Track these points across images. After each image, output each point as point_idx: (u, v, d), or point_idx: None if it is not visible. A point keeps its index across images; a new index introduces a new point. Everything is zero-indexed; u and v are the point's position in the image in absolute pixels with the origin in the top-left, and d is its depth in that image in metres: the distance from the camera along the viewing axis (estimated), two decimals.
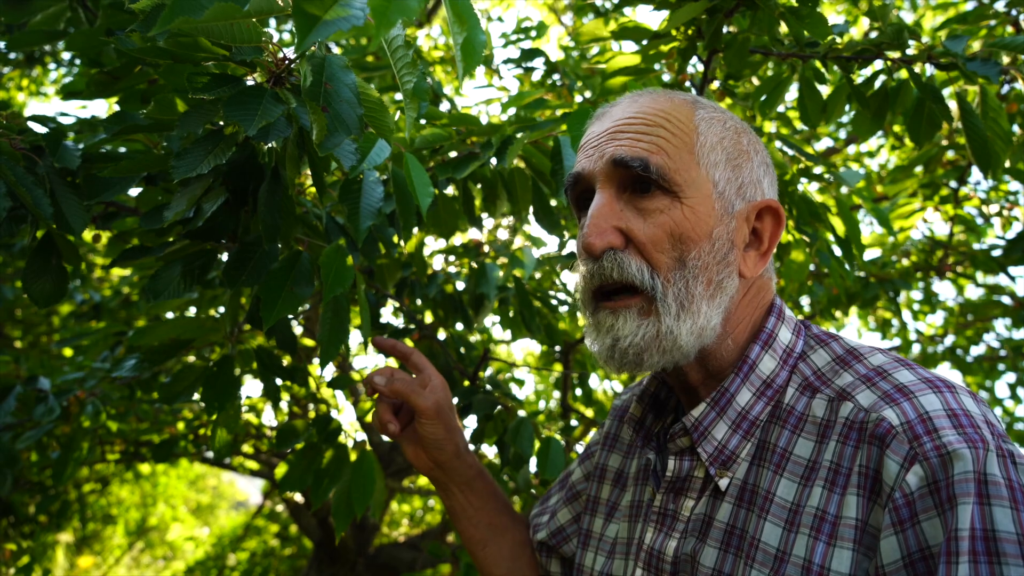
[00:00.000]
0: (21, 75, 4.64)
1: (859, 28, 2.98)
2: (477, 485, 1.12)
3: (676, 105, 0.85)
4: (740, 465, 0.81)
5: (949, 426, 0.68)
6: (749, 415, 0.82)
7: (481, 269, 2.01)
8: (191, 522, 9.34)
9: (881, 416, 0.71)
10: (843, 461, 0.73)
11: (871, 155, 3.91)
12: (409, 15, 0.62)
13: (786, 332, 0.86)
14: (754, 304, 0.87)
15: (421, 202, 1.03)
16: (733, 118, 0.88)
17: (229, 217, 1.12)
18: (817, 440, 0.77)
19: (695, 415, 0.84)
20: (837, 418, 0.76)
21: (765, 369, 0.83)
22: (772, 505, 0.76)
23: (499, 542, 1.13)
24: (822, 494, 0.73)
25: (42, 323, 3.68)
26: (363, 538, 4.06)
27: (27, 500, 4.22)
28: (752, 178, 0.85)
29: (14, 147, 1.02)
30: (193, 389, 1.43)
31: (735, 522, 0.79)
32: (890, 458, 0.68)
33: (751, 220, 0.84)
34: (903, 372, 0.76)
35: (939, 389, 0.72)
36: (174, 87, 0.97)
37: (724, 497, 0.81)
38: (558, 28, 4.31)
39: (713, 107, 0.87)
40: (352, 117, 0.80)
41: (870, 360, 0.79)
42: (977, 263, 3.00)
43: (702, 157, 0.82)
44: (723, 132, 0.84)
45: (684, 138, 0.82)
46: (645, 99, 0.87)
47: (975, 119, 1.44)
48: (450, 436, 1.06)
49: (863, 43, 1.50)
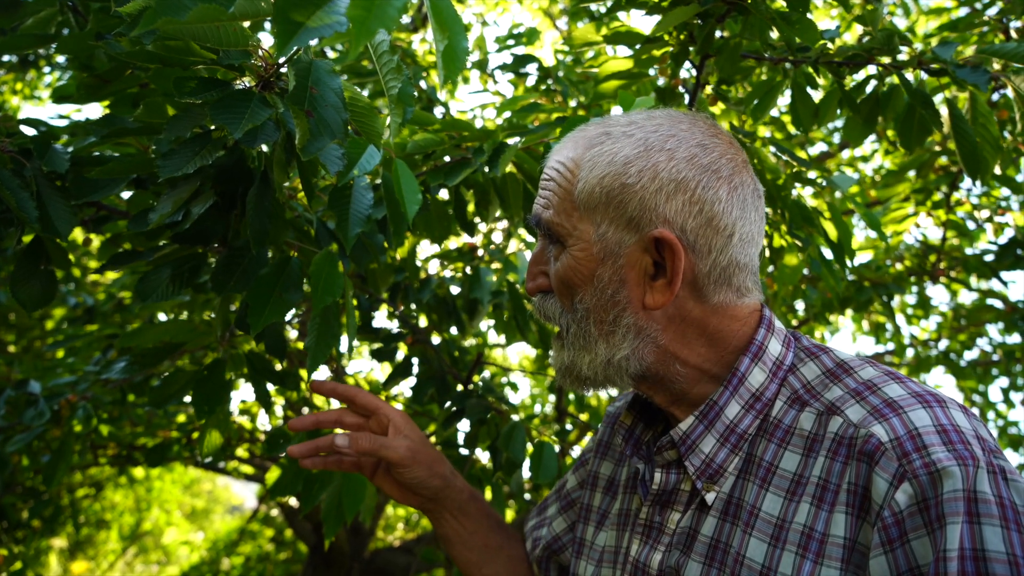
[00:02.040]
0: (15, 79, 4.64)
1: (852, 33, 2.99)
2: (470, 508, 1.09)
3: (577, 147, 0.85)
4: (727, 479, 0.81)
5: (939, 442, 0.67)
6: (737, 428, 0.81)
7: (475, 274, 2.01)
8: (186, 527, 9.30)
9: (870, 432, 0.70)
10: (831, 477, 0.72)
11: (865, 159, 3.92)
12: (388, 25, 0.62)
13: (776, 344, 0.85)
14: (705, 327, 0.83)
15: (408, 210, 1.03)
16: (636, 143, 0.82)
17: (218, 221, 1.12)
18: (804, 454, 0.76)
19: (683, 428, 0.83)
20: (826, 433, 0.75)
21: (754, 382, 0.82)
22: (757, 520, 0.76)
23: (495, 562, 1.12)
24: (809, 510, 0.72)
25: (35, 327, 3.67)
26: (358, 543, 4.05)
27: (20, 505, 4.20)
28: (645, 208, 0.79)
29: (1, 149, 1.01)
30: (184, 393, 1.42)
31: (719, 536, 0.79)
32: (879, 476, 0.68)
33: (651, 251, 0.81)
34: (893, 386, 0.75)
35: (929, 404, 0.71)
36: (163, 91, 0.97)
37: (709, 511, 0.81)
38: (553, 32, 4.32)
39: (616, 136, 0.83)
40: (337, 121, 0.80)
41: (860, 374, 0.78)
42: (970, 268, 3.01)
43: (581, 204, 0.82)
44: (607, 169, 0.81)
45: (567, 187, 0.84)
46: (566, 144, 0.88)
47: (964, 125, 1.45)
48: (433, 471, 1.03)
49: (854, 48, 1.50)
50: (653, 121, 0.84)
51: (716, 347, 0.84)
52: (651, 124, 0.83)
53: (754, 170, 0.88)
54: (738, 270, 0.82)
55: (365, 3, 0.64)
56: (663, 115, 0.85)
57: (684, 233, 0.79)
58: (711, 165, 0.80)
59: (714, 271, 0.81)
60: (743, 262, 0.83)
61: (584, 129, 0.88)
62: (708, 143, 0.82)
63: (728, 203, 0.80)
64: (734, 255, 0.81)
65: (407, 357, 2.01)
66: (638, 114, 0.86)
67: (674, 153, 0.80)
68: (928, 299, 3.62)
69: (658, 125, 0.83)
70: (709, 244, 0.80)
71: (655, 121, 0.84)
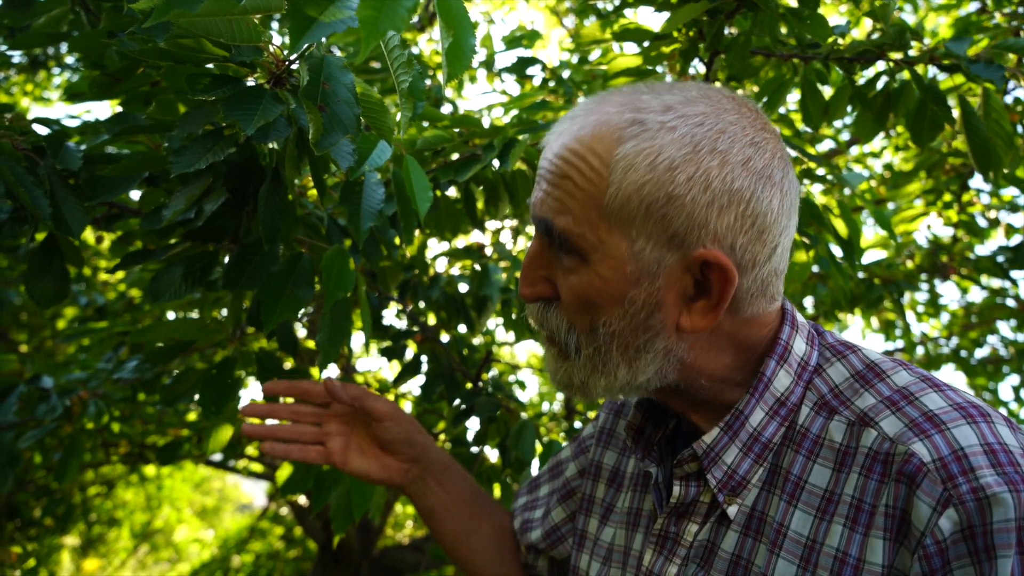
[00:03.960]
0: (25, 80, 4.67)
1: (861, 29, 2.98)
2: (452, 472, 1.08)
3: (601, 137, 0.70)
4: (750, 491, 0.75)
5: (986, 464, 0.61)
6: (761, 437, 0.75)
7: (484, 271, 2.01)
8: (196, 524, 9.35)
9: (910, 451, 0.64)
10: (866, 497, 0.67)
11: (875, 155, 3.90)
12: (398, 26, 0.62)
13: (800, 342, 0.77)
14: (734, 337, 0.76)
15: (420, 207, 1.03)
16: (682, 141, 0.68)
17: (230, 218, 1.12)
18: (835, 469, 0.70)
19: (707, 441, 0.76)
20: (858, 446, 0.69)
21: (780, 386, 0.75)
22: (785, 540, 0.71)
23: (480, 532, 1.09)
24: (843, 533, 0.67)
25: (46, 327, 3.70)
26: (367, 540, 4.06)
27: (33, 503, 4.23)
28: (693, 223, 0.68)
29: (15, 147, 1.02)
30: (195, 391, 1.43)
31: (741, 552, 0.74)
32: (921, 500, 0.62)
33: (694, 270, 0.70)
34: (932, 395, 0.68)
35: (973, 419, 0.65)
36: (175, 89, 0.98)
37: (731, 525, 0.76)
38: (559, 31, 4.31)
39: (654, 130, 0.68)
40: (349, 116, 0.80)
41: (893, 379, 0.72)
42: (981, 268, 2.99)
43: (612, 214, 0.69)
44: (647, 174, 0.67)
45: (592, 191, 0.69)
46: (577, 124, 0.73)
47: (976, 120, 1.44)
48: (414, 427, 1.05)
49: (865, 44, 1.49)
50: (695, 107, 0.70)
51: (741, 354, 0.77)
52: (693, 112, 0.69)
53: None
54: (775, 278, 0.75)
55: (375, 3, 0.64)
56: (701, 96, 0.71)
57: (733, 251, 0.69)
58: (765, 170, 0.69)
59: (754, 285, 0.73)
60: (780, 269, 0.75)
61: (601, 107, 0.72)
62: (760, 140, 0.70)
63: (779, 212, 0.71)
64: (774, 266, 0.73)
65: (416, 355, 2.02)
66: (668, 92, 0.71)
67: (727, 156, 0.68)
68: (938, 296, 3.60)
69: (702, 115, 0.69)
70: (755, 258, 0.71)
71: (697, 107, 0.70)
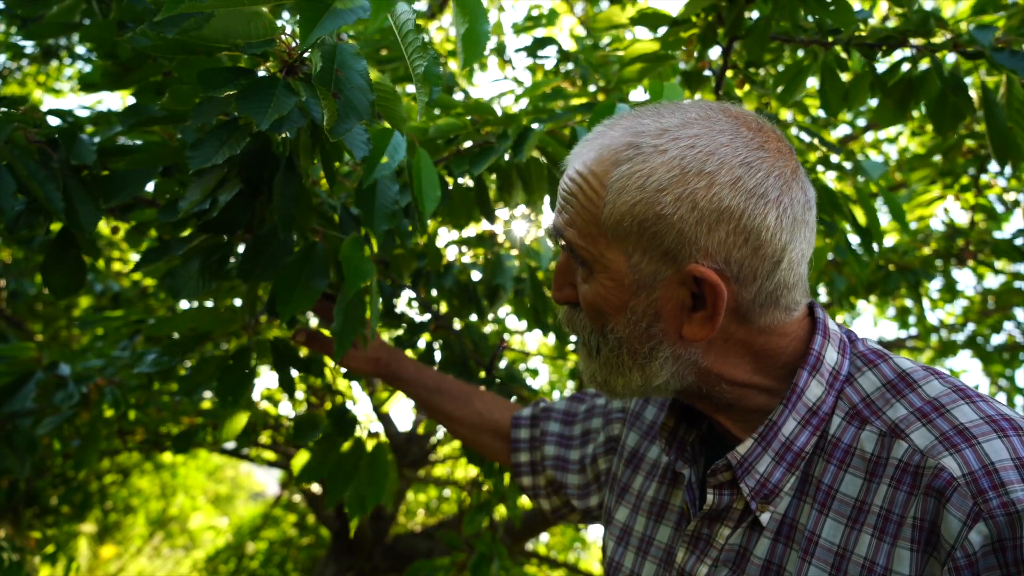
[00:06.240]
0: (37, 71, 4.68)
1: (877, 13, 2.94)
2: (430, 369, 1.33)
3: (602, 160, 0.75)
4: (783, 499, 0.77)
5: (1018, 479, 0.63)
6: (794, 446, 0.77)
7: (497, 260, 2.01)
8: (210, 512, 9.44)
9: (940, 465, 0.66)
10: (895, 508, 0.68)
11: (890, 141, 3.85)
12: None
13: (832, 352, 0.79)
14: (750, 346, 0.78)
15: (426, 207, 1.02)
16: (671, 163, 0.72)
17: (244, 208, 1.12)
18: (866, 479, 0.72)
19: (741, 452, 0.78)
20: (889, 457, 0.70)
21: (812, 396, 0.77)
22: (817, 548, 0.72)
23: (467, 407, 1.28)
24: (871, 542, 0.69)
25: (61, 317, 3.72)
26: (380, 528, 4.09)
27: (50, 491, 4.28)
28: (683, 241, 0.71)
29: (29, 140, 1.02)
30: (212, 380, 1.43)
31: (772, 558, 0.76)
32: (951, 513, 0.64)
33: (688, 283, 0.74)
34: (963, 408, 0.69)
35: (1005, 433, 0.66)
36: (187, 80, 0.97)
37: (763, 531, 0.78)
38: (570, 18, 4.28)
39: (647, 153, 0.73)
40: (364, 103, 0.79)
41: (925, 389, 0.73)
42: (999, 252, 2.95)
43: (609, 230, 0.74)
44: (637, 196, 0.72)
45: (592, 209, 0.75)
46: (587, 148, 0.78)
47: (997, 109, 1.41)
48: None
49: (887, 30, 1.47)
50: (688, 130, 0.73)
51: (762, 362, 0.79)
52: (686, 135, 0.72)
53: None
54: (787, 291, 0.76)
55: None
56: (699, 118, 0.74)
57: (728, 265, 0.72)
58: (757, 189, 0.71)
59: (759, 296, 0.75)
60: (792, 282, 0.76)
61: (608, 132, 0.77)
62: (753, 159, 0.72)
63: (776, 228, 0.72)
64: (782, 278, 0.75)
65: (429, 343, 2.01)
66: (670, 114, 0.76)
67: (715, 177, 0.71)
68: (954, 283, 3.56)
69: (694, 137, 0.72)
70: (755, 272, 0.73)
71: (691, 130, 0.73)
